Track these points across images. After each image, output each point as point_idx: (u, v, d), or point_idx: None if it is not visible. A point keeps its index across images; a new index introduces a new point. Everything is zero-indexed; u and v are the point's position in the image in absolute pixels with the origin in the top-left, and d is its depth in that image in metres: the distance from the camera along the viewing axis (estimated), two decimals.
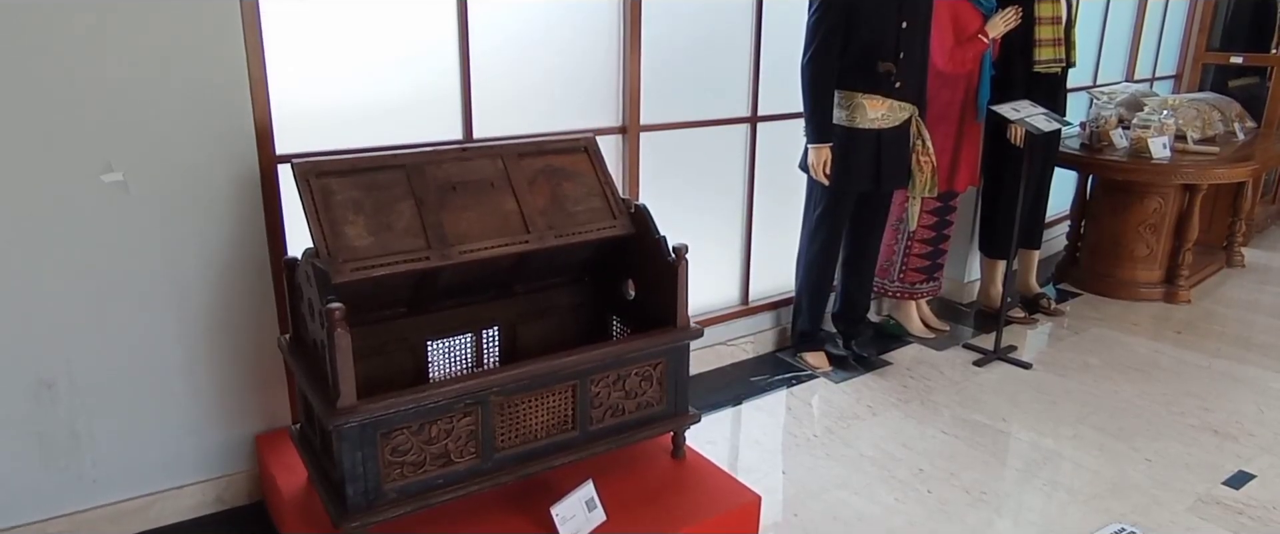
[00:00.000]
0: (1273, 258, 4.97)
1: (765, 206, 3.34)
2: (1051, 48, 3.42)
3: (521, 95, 2.60)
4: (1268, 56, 5.10)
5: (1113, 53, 5.07)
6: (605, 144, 2.77)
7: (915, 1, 2.83)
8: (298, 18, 2.17)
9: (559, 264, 2.30)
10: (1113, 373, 3.31)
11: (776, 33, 3.13)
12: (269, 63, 2.11)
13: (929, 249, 3.46)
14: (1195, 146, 4.09)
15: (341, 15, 2.23)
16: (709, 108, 3.07)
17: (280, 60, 2.15)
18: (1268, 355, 3.50)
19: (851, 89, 2.83)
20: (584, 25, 2.69)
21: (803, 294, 3.20)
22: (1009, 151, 3.45)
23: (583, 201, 2.19)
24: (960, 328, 3.73)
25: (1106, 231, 4.15)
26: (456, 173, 2.06)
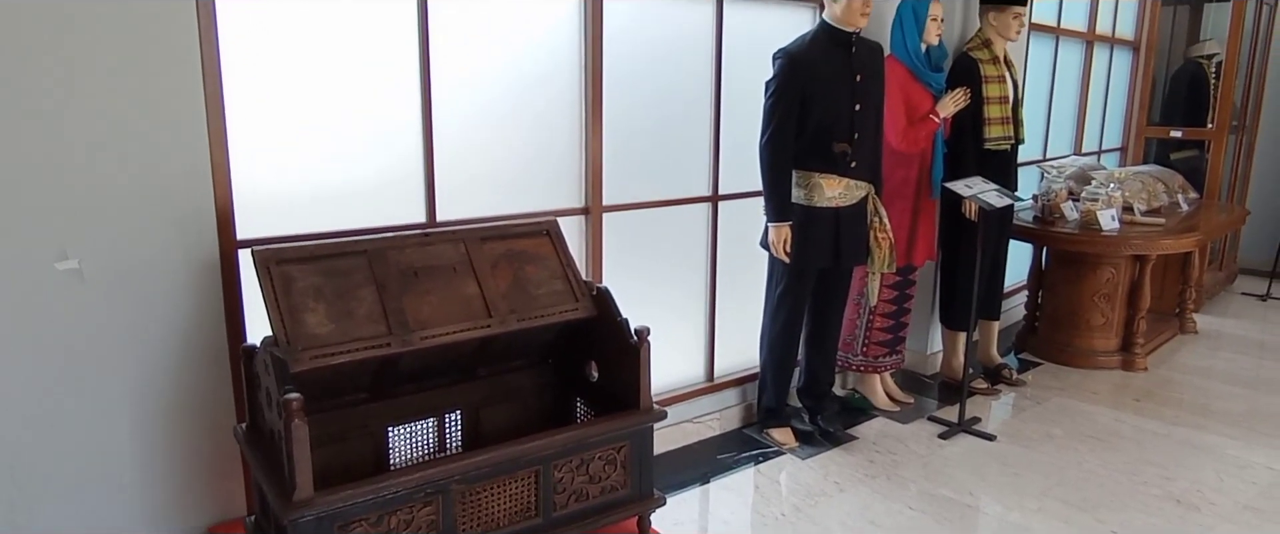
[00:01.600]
0: (1223, 323, 5.09)
1: (729, 283, 3.38)
2: (1000, 126, 3.55)
3: (485, 177, 2.64)
4: (1205, 131, 5.32)
5: (1060, 128, 5.27)
6: (569, 225, 2.82)
7: (867, 84, 2.93)
8: (262, 101, 2.19)
9: (522, 347, 2.30)
10: (1075, 443, 3.34)
11: (735, 113, 3.22)
12: (232, 145, 2.12)
13: (891, 323, 3.50)
14: (1142, 218, 4.23)
15: (306, 98, 2.26)
16: (671, 187, 3.13)
17: (243, 143, 2.16)
18: (1224, 422, 3.56)
19: (808, 169, 2.91)
20: (546, 107, 2.75)
21: (767, 370, 3.21)
22: (965, 226, 3.54)
23: (545, 285, 2.21)
24: (925, 400, 3.75)
25: (1063, 301, 4.24)
26: (418, 258, 2.07)
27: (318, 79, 2.27)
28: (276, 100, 2.22)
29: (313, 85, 2.27)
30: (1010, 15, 3.51)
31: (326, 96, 2.30)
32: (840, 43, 2.87)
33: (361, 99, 2.35)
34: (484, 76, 2.60)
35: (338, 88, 2.31)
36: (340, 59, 2.30)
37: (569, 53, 2.77)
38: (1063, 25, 4.98)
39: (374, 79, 2.37)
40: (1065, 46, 5.09)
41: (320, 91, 2.29)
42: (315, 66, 2.26)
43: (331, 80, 2.30)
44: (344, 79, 2.32)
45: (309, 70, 2.26)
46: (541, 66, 2.72)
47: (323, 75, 2.28)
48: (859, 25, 2.85)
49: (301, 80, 2.25)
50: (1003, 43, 3.58)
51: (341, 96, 2.32)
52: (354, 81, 2.33)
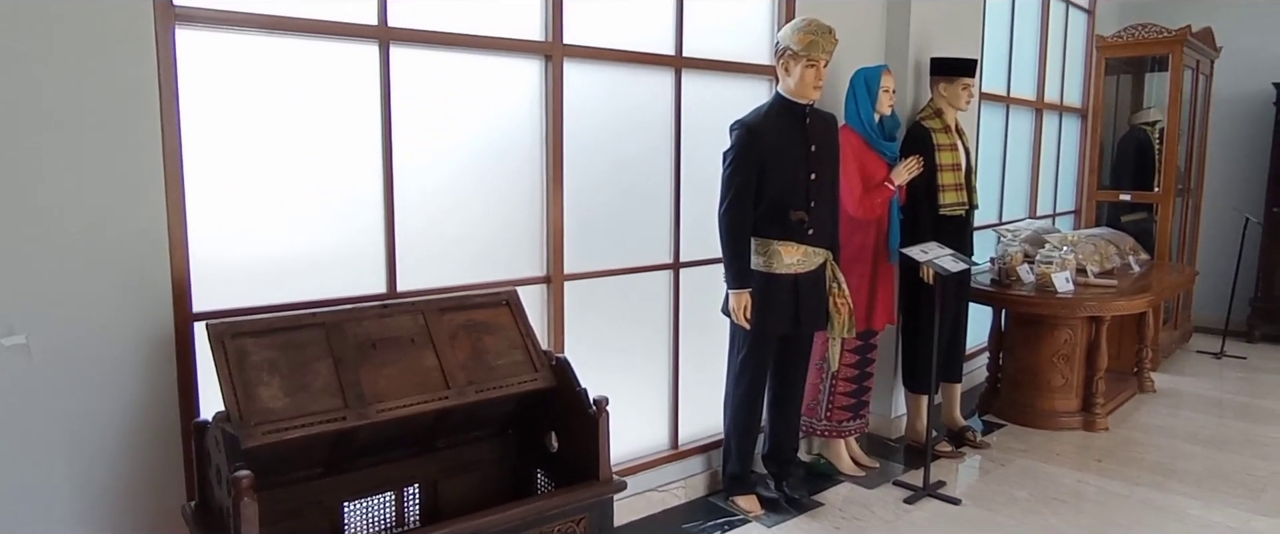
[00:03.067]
0: (1181, 382, 5.18)
1: (692, 350, 3.39)
2: (954, 192, 3.65)
3: (446, 247, 2.65)
4: (1152, 194, 5.50)
5: (1014, 192, 5.42)
6: (531, 293, 2.83)
7: (822, 154, 3.01)
8: (223, 169, 2.18)
9: (481, 418, 2.28)
10: (1040, 505, 3.35)
11: (695, 182, 3.28)
12: (191, 214, 2.11)
13: (853, 387, 3.53)
14: (1096, 280, 4.33)
15: (267, 167, 2.27)
16: (632, 255, 3.16)
17: (202, 214, 2.15)
18: (1185, 482, 3.59)
19: (767, 237, 2.96)
20: (507, 177, 2.78)
21: (731, 437, 3.21)
22: (923, 290, 3.60)
23: (504, 355, 2.20)
24: (890, 464, 3.76)
25: (1023, 363, 4.30)
26: (376, 330, 2.07)
27: (280, 148, 2.29)
28: (237, 169, 2.22)
29: (274, 154, 2.28)
30: (959, 86, 3.64)
31: (288, 166, 2.31)
32: (794, 114, 2.96)
33: (324, 169, 2.37)
34: (446, 147, 2.63)
35: (300, 157, 2.33)
36: (302, 128, 2.32)
37: (530, 123, 2.82)
38: (1012, 94, 5.17)
39: (336, 149, 2.39)
40: (1016, 114, 5.27)
41: (282, 161, 2.30)
42: (277, 135, 2.28)
43: (294, 149, 2.31)
44: (306, 148, 2.33)
45: (271, 139, 2.27)
46: (503, 137, 2.77)
47: (285, 144, 2.30)
48: (812, 97, 2.94)
49: (263, 149, 2.26)
50: (953, 112, 3.70)
51: (303, 166, 2.33)
52: (316, 151, 2.35)
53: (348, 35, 2.36)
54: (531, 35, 2.78)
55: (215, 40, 2.15)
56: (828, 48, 2.88)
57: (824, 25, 2.89)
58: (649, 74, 3.15)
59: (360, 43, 2.40)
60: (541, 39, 2.79)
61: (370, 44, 2.42)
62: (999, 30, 4.96)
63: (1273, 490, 3.50)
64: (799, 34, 2.88)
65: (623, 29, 3.03)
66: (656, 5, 3.14)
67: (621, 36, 3.02)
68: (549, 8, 2.79)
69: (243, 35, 2.19)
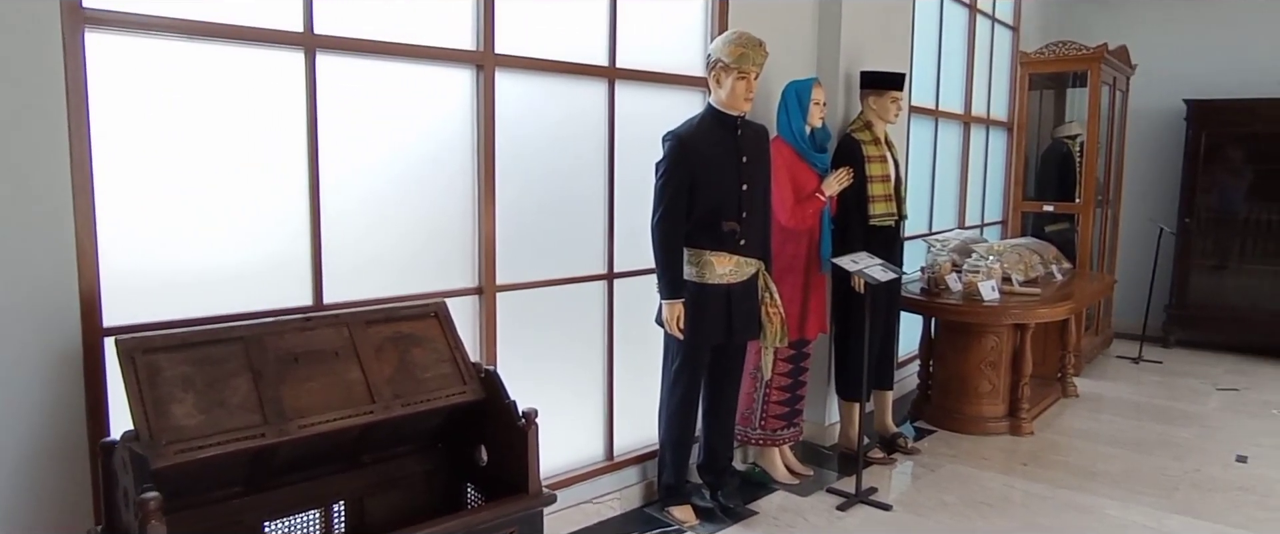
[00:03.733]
0: (1102, 386, 5.37)
1: (627, 360, 3.39)
2: (884, 203, 3.73)
3: (375, 258, 2.60)
4: (1074, 205, 5.71)
5: (944, 203, 5.56)
6: (463, 305, 2.79)
7: (754, 165, 3.05)
8: (137, 180, 2.11)
9: (408, 432, 2.24)
10: (968, 509, 3.43)
11: (629, 192, 3.28)
12: (101, 227, 2.03)
13: (787, 395, 3.57)
14: (1020, 288, 4.47)
15: (186, 176, 2.19)
16: (566, 266, 3.15)
17: (115, 224, 2.07)
18: (1104, 483, 3.72)
19: (699, 247, 2.98)
20: (439, 187, 2.75)
21: (666, 447, 3.21)
22: (855, 299, 3.66)
23: (432, 368, 2.17)
24: (824, 472, 3.80)
25: (952, 370, 4.41)
26: (299, 343, 2.02)
27: (200, 157, 2.22)
28: (153, 178, 2.14)
29: (194, 163, 2.21)
30: (888, 99, 3.72)
31: (209, 175, 2.24)
32: (726, 126, 2.99)
33: (247, 179, 2.30)
34: (376, 157, 2.59)
35: (221, 166, 2.26)
36: (225, 137, 2.26)
37: (462, 133, 2.79)
38: (941, 108, 5.31)
39: (260, 158, 2.32)
40: (944, 127, 5.42)
41: (202, 170, 2.22)
42: (197, 143, 2.21)
43: (215, 158, 2.24)
44: (228, 158, 2.27)
45: (190, 147, 2.20)
46: (434, 146, 2.73)
47: (205, 153, 2.22)
48: (743, 109, 2.98)
49: (182, 158, 2.18)
50: (883, 124, 3.79)
51: (225, 176, 2.26)
52: (239, 160, 2.29)
53: (272, 42, 2.31)
54: (463, 45, 2.75)
55: (129, 45, 2.08)
56: (758, 60, 2.92)
57: (754, 38, 2.93)
58: (583, 85, 3.15)
59: (285, 50, 2.35)
60: (473, 48, 2.77)
61: (295, 51, 2.37)
62: (927, 45, 5.09)
63: (1185, 489, 3.65)
64: (730, 46, 2.91)
65: (556, 39, 3.02)
66: (590, 16, 3.15)
67: (555, 47, 3.01)
68: (480, 17, 2.77)
69: (160, 40, 2.12)
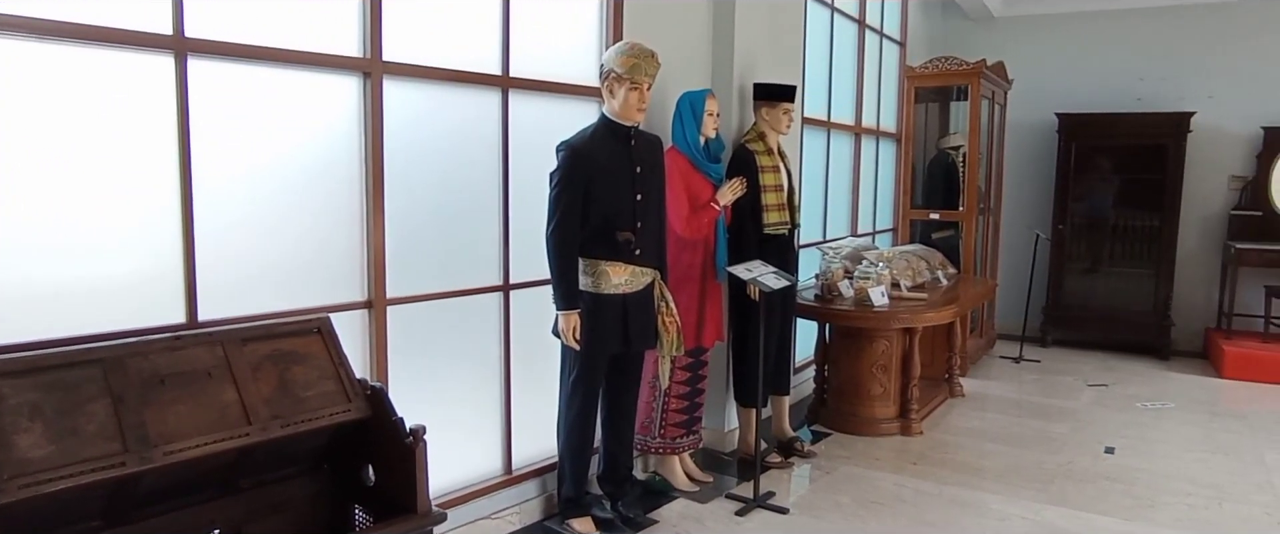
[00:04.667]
0: (987, 385, 5.63)
1: (525, 372, 3.35)
2: (777, 212, 3.81)
3: (257, 273, 2.48)
4: (958, 213, 5.97)
5: (837, 211, 5.72)
6: (350, 319, 2.70)
7: (648, 176, 3.06)
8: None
9: (290, 454, 2.15)
10: (861, 509, 3.52)
11: (525, 202, 3.25)
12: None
13: (685, 404, 3.59)
14: (908, 293, 4.64)
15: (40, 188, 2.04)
16: (461, 278, 3.09)
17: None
18: (988, 479, 3.89)
19: (595, 257, 2.97)
20: (324, 199, 2.65)
21: (565, 459, 3.18)
22: (751, 307, 3.72)
23: (314, 386, 2.08)
24: (724, 477, 3.84)
25: (846, 374, 4.53)
26: (166, 364, 1.90)
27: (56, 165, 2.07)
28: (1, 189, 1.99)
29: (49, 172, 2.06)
30: (780, 110, 3.81)
31: (67, 185, 2.08)
32: (620, 136, 3.00)
33: (110, 189, 2.16)
34: (257, 166, 2.47)
35: (81, 176, 2.11)
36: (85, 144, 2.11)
37: (348, 142, 2.70)
38: (833, 119, 5.47)
39: (125, 168, 2.18)
40: (836, 138, 5.59)
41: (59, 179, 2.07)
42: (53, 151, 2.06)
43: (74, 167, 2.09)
44: (89, 167, 2.12)
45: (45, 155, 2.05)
46: (320, 156, 2.64)
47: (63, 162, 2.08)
48: (636, 120, 2.99)
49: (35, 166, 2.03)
50: (776, 135, 3.87)
51: (85, 186, 2.12)
52: (101, 170, 2.14)
53: (138, 45, 2.18)
54: (349, 51, 2.67)
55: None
56: (650, 71, 2.94)
57: (647, 49, 2.95)
58: (475, 93, 3.10)
59: (153, 53, 2.22)
60: (359, 55, 2.69)
61: (164, 55, 2.24)
62: (819, 59, 5.24)
63: (1060, 481, 3.85)
64: (622, 57, 2.92)
65: (448, 48, 2.97)
66: (482, 25, 3.10)
67: (446, 55, 2.96)
68: (367, 24, 2.69)
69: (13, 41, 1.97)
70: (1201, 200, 6.65)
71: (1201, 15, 6.60)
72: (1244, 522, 3.45)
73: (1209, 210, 6.69)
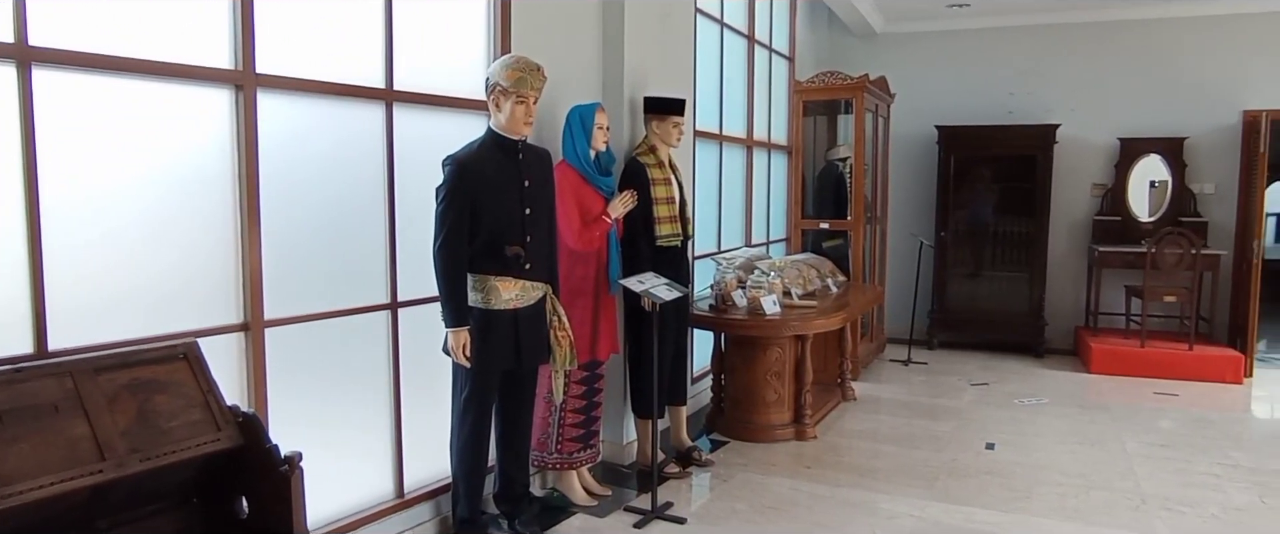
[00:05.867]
0: (879, 389, 5.82)
1: (416, 392, 3.26)
2: (669, 224, 3.84)
3: (119, 298, 2.33)
4: (846, 222, 6.17)
5: (731, 222, 5.82)
6: (226, 343, 2.57)
7: (537, 189, 3.04)
8: None
9: (154, 490, 2.02)
10: (757, 515, 3.57)
11: (413, 218, 3.17)
12: None
13: (582, 418, 3.57)
14: (799, 301, 4.76)
15: None
16: (346, 297, 2.99)
17: None
18: (878, 479, 4.01)
19: (484, 272, 2.93)
20: (194, 217, 2.51)
21: (459, 479, 3.11)
22: (646, 319, 3.74)
23: (179, 416, 1.97)
24: (624, 490, 3.84)
25: (741, 382, 4.61)
26: (5, 399, 1.76)
27: None
28: None
29: None
30: (670, 124, 3.85)
31: None
32: (507, 150, 2.97)
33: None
34: (118, 185, 2.33)
35: None
36: None
37: (220, 158, 2.58)
38: (725, 132, 5.57)
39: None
40: (729, 150, 5.69)
41: None
42: None
43: None
44: None
45: None
46: (189, 173, 2.50)
47: None
48: (523, 133, 2.97)
49: None
50: (667, 148, 3.91)
51: None
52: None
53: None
54: (219, 63, 2.55)
55: None
56: (536, 84, 2.93)
57: (532, 62, 2.93)
58: (358, 107, 3.01)
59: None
60: (230, 67, 2.57)
61: (5, 64, 2.09)
62: (710, 73, 5.33)
63: (944, 478, 4.01)
64: (508, 70, 2.90)
65: (327, 60, 2.87)
66: (364, 37, 3.02)
67: (326, 68, 2.86)
68: (238, 34, 2.58)
69: None
70: (1068, 207, 7.09)
71: (1064, 34, 7.05)
72: (1108, 507, 3.67)
73: (1075, 216, 7.13)
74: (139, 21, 2.35)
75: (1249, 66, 6.63)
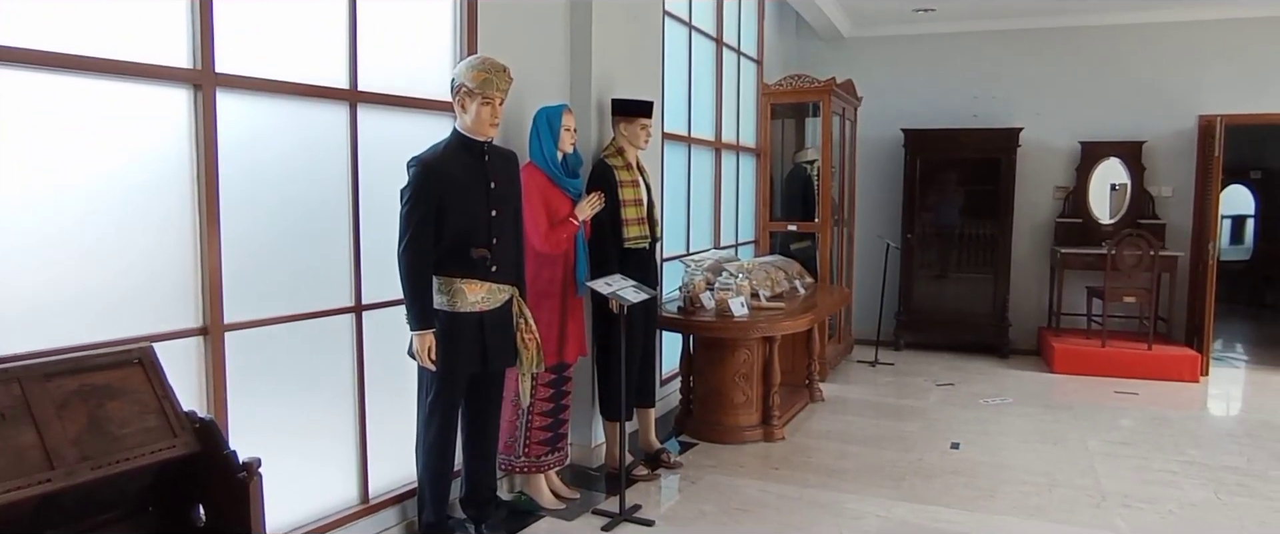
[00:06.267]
0: (846, 390, 5.86)
1: (381, 396, 3.22)
2: (637, 226, 3.84)
3: (72, 301, 2.27)
4: (814, 224, 6.21)
5: (700, 224, 5.83)
6: (184, 348, 2.53)
7: (503, 191, 3.02)
8: None
9: (107, 498, 1.97)
10: (724, 517, 3.58)
11: (378, 220, 3.13)
12: None
13: (549, 421, 3.55)
14: (767, 303, 4.78)
15: None
16: (309, 300, 2.94)
17: None
18: (845, 479, 4.03)
19: (449, 275, 2.91)
20: (152, 219, 2.46)
21: (425, 484, 3.08)
22: (613, 321, 3.73)
23: (132, 422, 1.93)
24: (592, 493, 3.83)
25: (710, 384, 4.61)
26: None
27: None
28: None
29: None
30: (638, 126, 3.85)
31: None
32: (473, 151, 2.95)
33: None
34: (72, 186, 2.27)
35: None
36: None
37: (179, 159, 2.53)
38: (694, 135, 5.59)
39: None
40: (697, 153, 5.70)
41: None
42: None
43: None
44: None
45: None
46: (146, 175, 2.45)
47: None
48: (489, 135, 2.95)
49: None
50: (634, 150, 3.90)
51: None
52: None
53: None
54: (177, 62, 2.50)
55: None
56: (502, 86, 2.91)
57: (498, 63, 2.92)
58: (322, 108, 2.97)
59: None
60: (189, 66, 2.53)
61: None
62: (678, 76, 5.34)
63: (910, 478, 4.05)
64: (473, 72, 2.88)
65: (290, 60, 2.83)
66: (328, 37, 2.98)
67: (288, 68, 2.82)
68: (197, 33, 2.53)
69: None
70: (1032, 209, 7.20)
71: (1027, 39, 7.17)
72: (1070, 505, 3.73)
73: (1038, 218, 7.25)
74: (94, 19, 2.30)
75: (1204, 72, 6.78)
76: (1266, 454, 4.47)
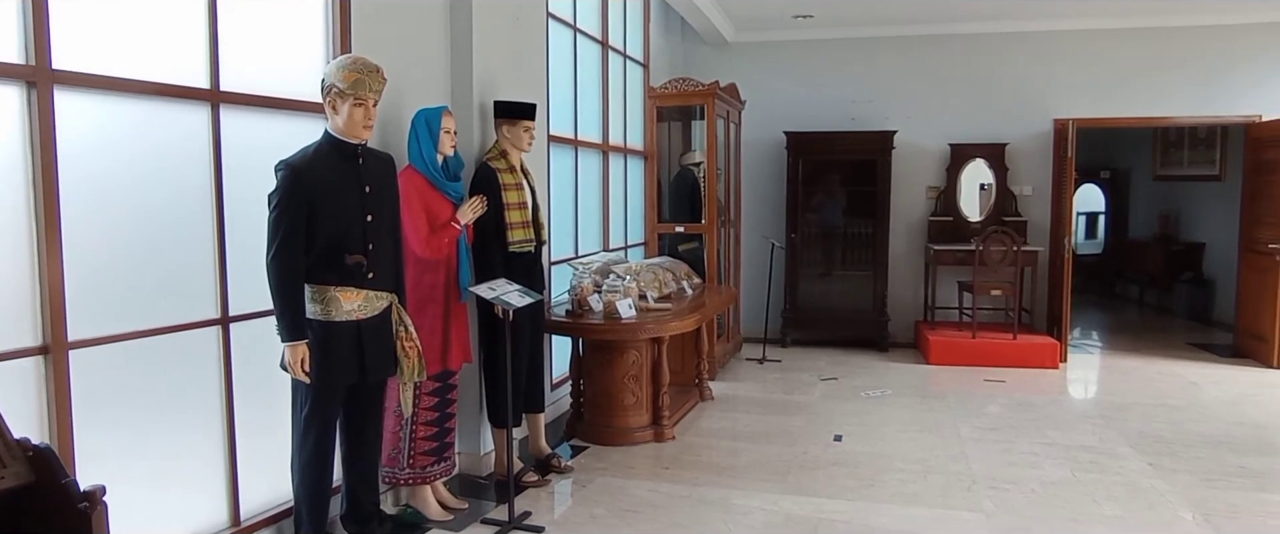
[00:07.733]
0: (736, 388, 5.97)
1: (252, 411, 3.06)
2: (522, 229, 3.79)
3: None
4: (701, 226, 6.30)
5: (588, 226, 5.82)
6: (19, 369, 2.33)
7: (379, 195, 2.92)
8: None
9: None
10: (614, 519, 3.57)
11: (246, 227, 2.97)
12: None
13: (435, 430, 3.46)
14: (655, 304, 4.81)
15: None
16: (168, 313, 2.76)
17: None
18: (733, 476, 4.10)
19: (323, 283, 2.79)
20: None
21: (301, 501, 2.94)
22: (500, 326, 3.66)
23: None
24: (482, 502, 3.75)
25: (600, 386, 4.60)
26: None
27: None
28: None
29: None
30: (521, 128, 3.80)
31: None
32: (346, 154, 2.84)
33: None
34: None
35: None
36: None
37: (10, 163, 2.33)
38: (580, 137, 5.57)
39: None
40: (585, 155, 5.69)
41: None
42: None
43: None
44: None
45: None
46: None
47: None
48: (362, 137, 2.85)
49: None
50: (518, 153, 3.85)
51: None
52: None
53: None
54: (6, 57, 2.30)
55: None
56: (375, 86, 2.81)
57: (371, 63, 2.82)
58: (180, 109, 2.80)
59: None
60: (20, 62, 2.33)
61: None
62: (564, 78, 5.31)
63: (795, 472, 4.15)
64: (344, 72, 2.77)
65: (143, 57, 2.65)
66: (185, 32, 2.81)
67: (140, 65, 2.64)
68: (29, 25, 2.33)
69: None
70: (907, 208, 7.53)
71: (900, 45, 7.49)
72: (944, 489, 3.91)
73: (912, 217, 7.58)
74: None
75: (1058, 78, 7.26)
76: (1116, 433, 4.81)
